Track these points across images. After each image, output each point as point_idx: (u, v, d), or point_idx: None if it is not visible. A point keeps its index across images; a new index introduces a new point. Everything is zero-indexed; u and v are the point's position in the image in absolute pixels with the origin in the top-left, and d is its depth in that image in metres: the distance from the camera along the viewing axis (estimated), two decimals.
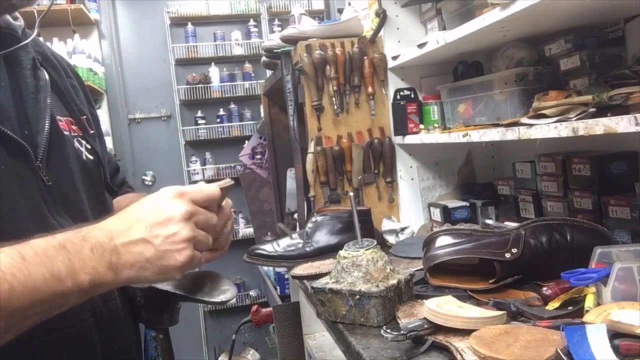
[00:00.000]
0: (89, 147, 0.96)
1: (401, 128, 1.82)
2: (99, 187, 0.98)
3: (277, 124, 2.66)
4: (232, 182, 0.81)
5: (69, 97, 0.96)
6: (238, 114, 4.39)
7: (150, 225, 0.71)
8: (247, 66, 4.39)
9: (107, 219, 0.74)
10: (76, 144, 0.93)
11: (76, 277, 0.67)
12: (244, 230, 4.32)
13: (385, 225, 1.78)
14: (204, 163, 4.39)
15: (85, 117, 0.98)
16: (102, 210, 0.92)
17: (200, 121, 4.37)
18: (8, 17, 0.89)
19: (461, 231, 1.20)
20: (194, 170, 4.37)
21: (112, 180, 1.08)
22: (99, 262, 0.68)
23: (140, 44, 4.34)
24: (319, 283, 1.09)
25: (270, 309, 2.43)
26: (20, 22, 0.92)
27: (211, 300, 0.82)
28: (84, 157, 0.94)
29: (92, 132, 0.99)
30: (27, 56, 0.89)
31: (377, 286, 1.01)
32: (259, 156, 3.46)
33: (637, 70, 1.05)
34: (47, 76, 0.90)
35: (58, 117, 0.90)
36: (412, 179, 1.90)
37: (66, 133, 0.91)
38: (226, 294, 0.81)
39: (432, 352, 0.86)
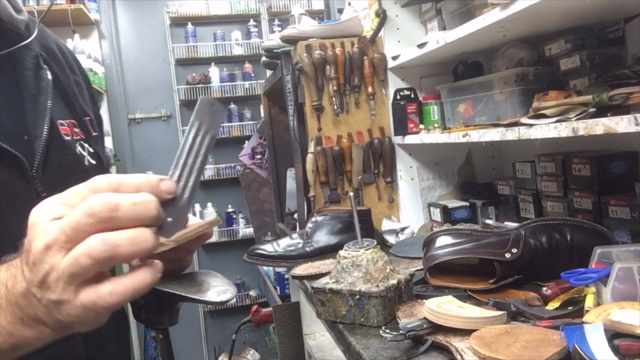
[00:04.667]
0: (91, 150, 0.90)
1: (401, 128, 1.82)
2: None
3: (277, 124, 2.66)
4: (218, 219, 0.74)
5: (72, 97, 0.90)
6: (238, 114, 4.39)
7: (26, 269, 0.51)
8: (247, 66, 4.39)
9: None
10: (78, 148, 0.87)
11: None
12: (244, 230, 4.32)
13: (385, 225, 1.78)
14: None
15: (88, 118, 0.92)
16: None
17: None
18: (11, 9, 0.83)
19: (461, 231, 1.20)
20: None
21: None
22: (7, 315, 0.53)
23: (140, 44, 4.34)
24: (319, 283, 1.09)
25: (270, 309, 2.43)
26: (24, 16, 0.85)
27: (211, 300, 0.81)
28: (86, 163, 0.88)
29: (95, 134, 0.93)
30: (30, 54, 0.83)
31: (377, 286, 1.01)
32: (259, 156, 3.46)
33: (637, 70, 1.05)
34: (50, 76, 0.85)
35: (59, 121, 0.85)
36: (412, 179, 1.90)
37: (67, 138, 0.85)
38: (226, 294, 0.80)
39: (432, 352, 0.86)
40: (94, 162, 0.90)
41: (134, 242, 0.48)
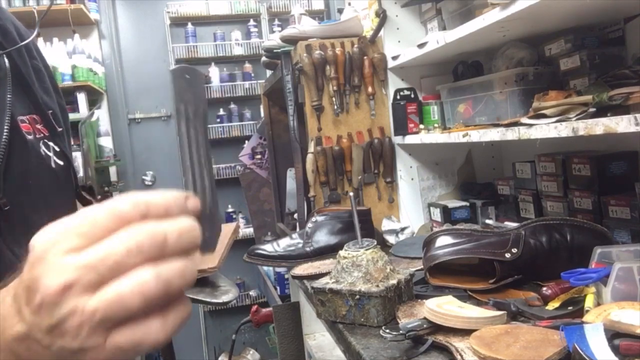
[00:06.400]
0: (57, 149, 0.79)
1: (401, 128, 1.82)
2: (68, 198, 0.82)
3: (277, 124, 2.66)
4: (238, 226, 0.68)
5: (33, 87, 0.78)
6: (238, 114, 4.39)
7: (26, 311, 0.40)
8: (247, 66, 4.39)
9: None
10: (42, 148, 0.76)
11: None
12: (244, 230, 4.31)
13: (385, 225, 1.78)
14: None
15: (51, 111, 0.81)
16: None
17: None
18: None
19: (461, 231, 1.20)
20: None
21: None
22: None
23: (140, 44, 4.34)
24: (319, 283, 1.09)
25: (270, 309, 2.43)
26: None
27: (213, 301, 0.81)
28: (52, 164, 0.77)
29: (60, 129, 0.81)
30: None
31: (377, 286, 1.01)
32: (259, 156, 3.45)
33: (637, 70, 1.06)
34: (7, 64, 0.74)
35: (20, 118, 0.73)
36: (412, 179, 1.90)
37: (29, 137, 0.74)
38: (228, 294, 0.80)
39: (432, 352, 0.86)
40: (61, 162, 0.79)
41: (184, 275, 0.40)
